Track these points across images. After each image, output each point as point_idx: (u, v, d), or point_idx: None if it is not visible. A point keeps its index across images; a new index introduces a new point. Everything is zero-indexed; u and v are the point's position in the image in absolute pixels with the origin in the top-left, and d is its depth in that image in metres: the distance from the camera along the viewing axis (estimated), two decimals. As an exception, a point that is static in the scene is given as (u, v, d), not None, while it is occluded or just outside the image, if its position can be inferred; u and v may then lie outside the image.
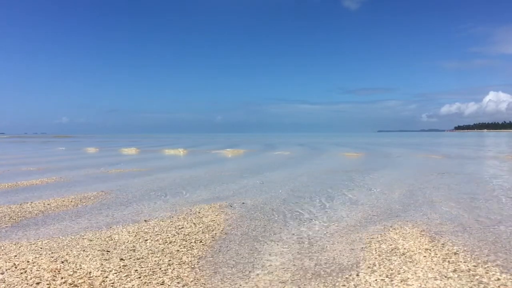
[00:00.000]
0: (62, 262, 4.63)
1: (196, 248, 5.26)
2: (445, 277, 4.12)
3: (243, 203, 8.48)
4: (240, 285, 4.04)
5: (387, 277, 4.19)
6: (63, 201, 8.87)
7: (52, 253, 5.00)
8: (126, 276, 4.23)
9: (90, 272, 4.32)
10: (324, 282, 4.09)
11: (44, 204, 8.50)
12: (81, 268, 4.43)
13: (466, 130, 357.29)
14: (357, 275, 4.27)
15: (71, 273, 4.30)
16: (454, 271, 4.29)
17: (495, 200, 8.53)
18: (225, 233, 6.04)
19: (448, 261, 4.60)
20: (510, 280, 4.02)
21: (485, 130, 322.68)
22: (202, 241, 5.62)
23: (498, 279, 4.04)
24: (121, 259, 4.75)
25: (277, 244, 5.43)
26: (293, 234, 5.97)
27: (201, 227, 6.38)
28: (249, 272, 4.39)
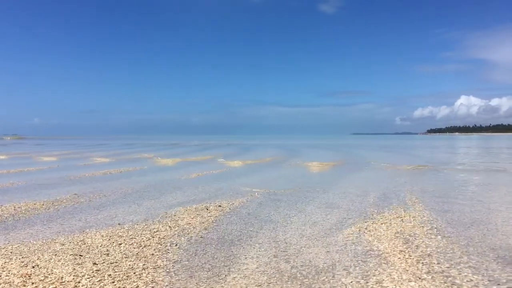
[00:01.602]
0: (33, 267, 4.52)
1: (172, 252, 5.20)
2: (419, 278, 4.18)
3: (219, 206, 8.44)
4: (216, 288, 4.01)
5: (362, 278, 4.22)
6: (35, 204, 8.66)
7: (22, 257, 4.88)
8: (99, 281, 4.15)
9: (62, 277, 4.22)
10: (300, 285, 4.09)
11: (14, 207, 8.29)
12: (52, 273, 4.34)
13: (438, 133, 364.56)
14: (333, 277, 4.29)
15: (42, 278, 4.20)
16: (428, 272, 4.35)
17: (467, 204, 8.69)
18: (201, 237, 5.99)
19: (422, 263, 4.66)
20: (482, 281, 4.10)
21: (457, 133, 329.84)
22: (178, 244, 5.56)
23: (471, 280, 4.11)
24: (94, 264, 4.67)
25: (253, 248, 5.40)
26: (269, 237, 5.96)
27: (176, 230, 6.31)
28: (225, 275, 4.36)
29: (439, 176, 14.40)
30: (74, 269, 4.48)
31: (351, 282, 4.14)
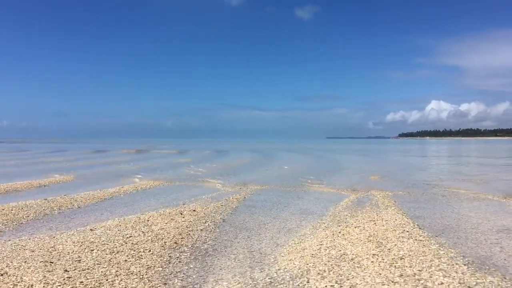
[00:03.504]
0: (2, 275, 4.40)
1: (145, 258, 5.14)
2: (392, 282, 4.23)
3: (194, 210, 8.39)
4: (191, 295, 3.97)
5: (336, 283, 4.25)
6: (2, 209, 8.44)
7: (-10, 265, 4.73)
8: (70, 288, 4.07)
9: (32, 285, 4.12)
10: (275, 290, 4.10)
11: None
12: (22, 281, 4.23)
13: (409, 138, 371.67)
14: (308, 282, 4.31)
15: (11, 286, 4.10)
16: (401, 275, 4.41)
17: (438, 210, 8.85)
18: (175, 242, 5.93)
19: (395, 266, 4.72)
20: (453, 284, 4.18)
21: (427, 137, 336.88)
22: (151, 250, 5.50)
23: (442, 283, 4.19)
24: (66, 271, 4.57)
25: (229, 259, 5.32)
26: (244, 247, 5.90)
27: (150, 236, 6.24)
28: (200, 286, 4.32)
29: (411, 181, 14.68)
30: (45, 276, 4.37)
31: (326, 286, 4.16)
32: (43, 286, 4.10)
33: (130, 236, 6.20)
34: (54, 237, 6.16)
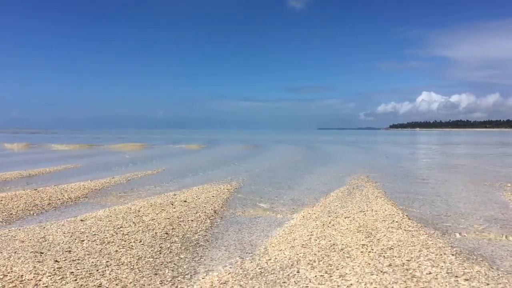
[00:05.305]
0: (-9, 266, 4.37)
1: (136, 248, 5.14)
2: (381, 271, 4.27)
3: (184, 201, 8.38)
4: None
5: (326, 273, 4.28)
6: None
7: (-21, 256, 4.70)
8: (61, 279, 4.06)
9: (22, 276, 4.11)
10: (265, 281, 4.12)
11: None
12: (12, 271, 4.22)
13: (400, 129, 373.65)
14: (298, 271, 4.34)
15: (1, 276, 4.08)
16: (389, 265, 4.45)
17: (427, 199, 8.94)
18: (166, 233, 5.94)
19: (384, 256, 4.76)
20: (441, 273, 4.23)
21: (418, 128, 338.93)
22: (142, 241, 5.50)
23: (430, 273, 4.24)
24: (56, 261, 4.56)
25: (220, 250, 5.35)
26: (235, 239, 5.92)
27: (141, 226, 6.24)
28: (191, 276, 4.34)
29: (401, 172, 14.77)
30: (35, 267, 4.36)
31: (315, 276, 4.20)
32: (33, 277, 4.09)
33: (120, 227, 6.19)
34: (44, 227, 6.14)
